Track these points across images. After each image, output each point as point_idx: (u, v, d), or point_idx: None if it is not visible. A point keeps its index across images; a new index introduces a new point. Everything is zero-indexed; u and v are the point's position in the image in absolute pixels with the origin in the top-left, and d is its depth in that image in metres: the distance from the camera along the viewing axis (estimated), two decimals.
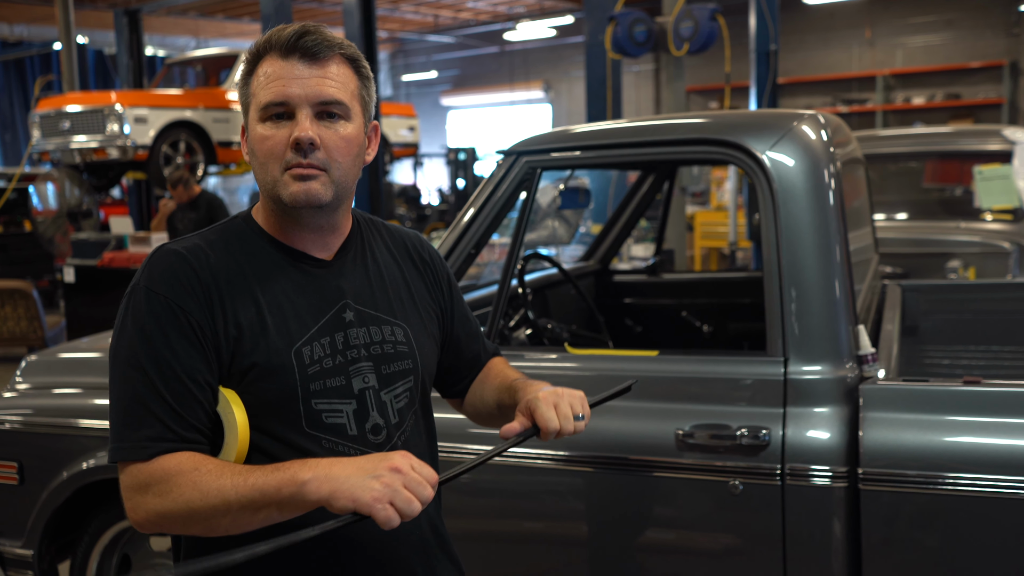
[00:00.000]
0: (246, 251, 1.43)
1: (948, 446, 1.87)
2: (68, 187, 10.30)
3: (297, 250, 1.45)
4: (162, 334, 1.33)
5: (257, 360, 1.36)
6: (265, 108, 1.38)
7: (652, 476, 2.07)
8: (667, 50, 7.05)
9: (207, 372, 1.35)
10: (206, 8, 16.69)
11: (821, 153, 2.12)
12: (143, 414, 1.32)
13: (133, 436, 1.32)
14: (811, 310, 2.02)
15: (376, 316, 1.48)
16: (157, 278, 1.36)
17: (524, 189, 2.40)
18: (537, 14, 17.92)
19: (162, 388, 1.32)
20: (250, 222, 1.47)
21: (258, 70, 1.41)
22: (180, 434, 1.32)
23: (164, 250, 1.40)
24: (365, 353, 1.44)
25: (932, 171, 5.92)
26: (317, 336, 1.41)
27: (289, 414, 1.38)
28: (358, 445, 1.41)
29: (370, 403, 1.43)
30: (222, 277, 1.38)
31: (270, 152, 1.38)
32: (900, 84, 15.55)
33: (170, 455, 1.31)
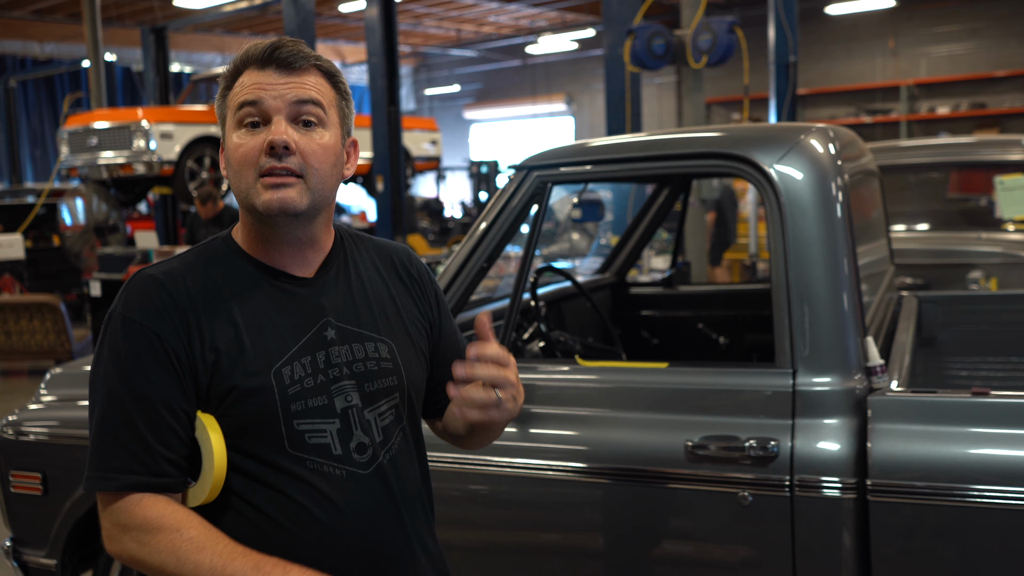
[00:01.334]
0: (225, 272, 1.40)
1: (957, 457, 1.87)
2: (95, 202, 10.46)
3: (277, 269, 1.43)
4: (137, 362, 1.32)
5: (236, 383, 1.34)
6: (239, 109, 1.37)
7: (661, 487, 2.08)
8: (686, 63, 7.06)
9: (183, 399, 1.34)
10: (231, 25, 16.91)
11: (828, 166, 2.13)
12: (113, 444, 1.32)
13: (102, 465, 1.32)
14: (819, 322, 2.02)
15: (359, 333, 1.45)
16: (133, 304, 1.35)
17: (535, 203, 2.43)
18: (559, 27, 17.99)
19: (135, 417, 1.31)
20: (229, 242, 1.45)
21: (235, 84, 1.40)
22: (149, 466, 1.31)
23: (141, 275, 1.38)
24: (347, 371, 1.42)
25: (956, 181, 5.89)
26: (298, 355, 1.38)
27: (271, 436, 1.36)
28: (343, 465, 1.39)
29: (354, 422, 1.41)
30: (199, 300, 1.36)
31: (244, 158, 1.36)
32: (924, 94, 15.45)
33: (148, 500, 1.31)
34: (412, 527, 1.46)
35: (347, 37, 18.93)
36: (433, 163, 14.46)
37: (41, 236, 11.16)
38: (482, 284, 2.46)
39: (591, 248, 9.52)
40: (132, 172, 10.22)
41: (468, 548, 2.30)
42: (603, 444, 2.14)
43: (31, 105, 18.63)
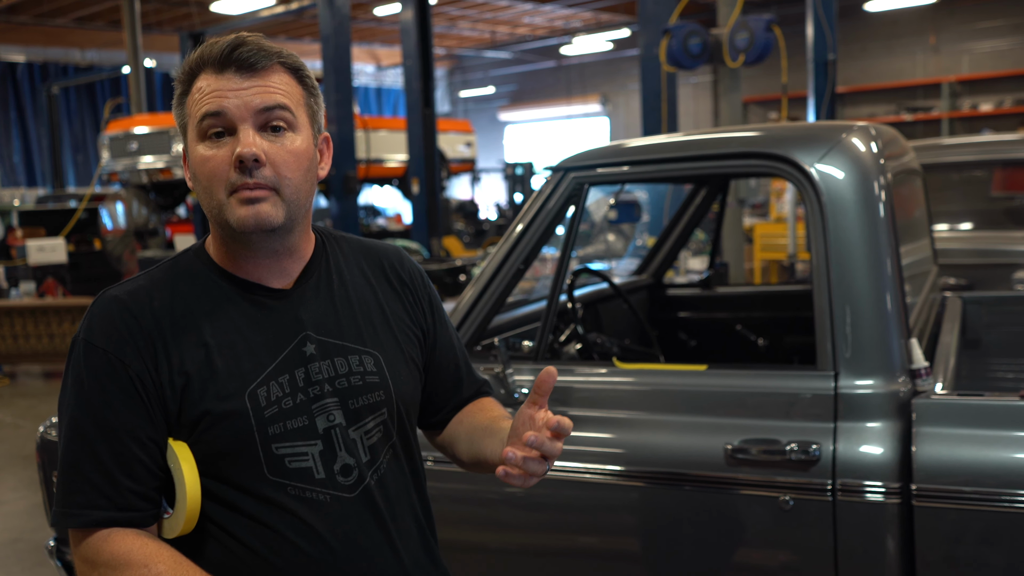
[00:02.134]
0: (195, 288, 1.32)
1: (1005, 462, 1.83)
2: (136, 206, 10.61)
3: (251, 282, 1.34)
4: (101, 390, 1.25)
5: (207, 407, 1.26)
6: (201, 121, 1.27)
7: (701, 491, 2.06)
8: (722, 62, 7.01)
9: (150, 429, 1.26)
10: (268, 30, 17.06)
11: (871, 165, 2.09)
12: (77, 478, 1.25)
13: (67, 501, 1.26)
14: (862, 324, 1.99)
15: (341, 346, 1.36)
16: (95, 329, 1.27)
17: (572, 204, 2.41)
18: (593, 28, 17.95)
19: (99, 449, 1.25)
20: (201, 255, 1.36)
21: (192, 88, 1.30)
22: (115, 501, 1.25)
23: (105, 297, 1.31)
24: (329, 388, 1.33)
25: (1001, 179, 5.78)
26: (274, 375, 1.30)
27: (248, 462, 1.27)
28: (327, 489, 1.31)
29: (337, 442, 1.32)
30: (165, 321, 1.28)
31: (212, 174, 1.27)
32: (967, 91, 15.20)
33: (116, 535, 1.25)
34: (406, 552, 1.37)
35: (382, 40, 19.04)
36: (468, 165, 14.50)
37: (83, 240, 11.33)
38: (518, 286, 2.45)
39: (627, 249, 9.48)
40: (171, 176, 10.36)
41: (505, 551, 2.29)
42: (641, 447, 2.12)
43: (73, 111, 18.94)
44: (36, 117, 18.36)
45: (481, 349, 2.38)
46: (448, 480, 2.30)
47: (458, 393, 1.58)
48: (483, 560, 2.33)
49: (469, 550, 2.34)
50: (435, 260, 9.37)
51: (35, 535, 4.48)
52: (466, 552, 2.34)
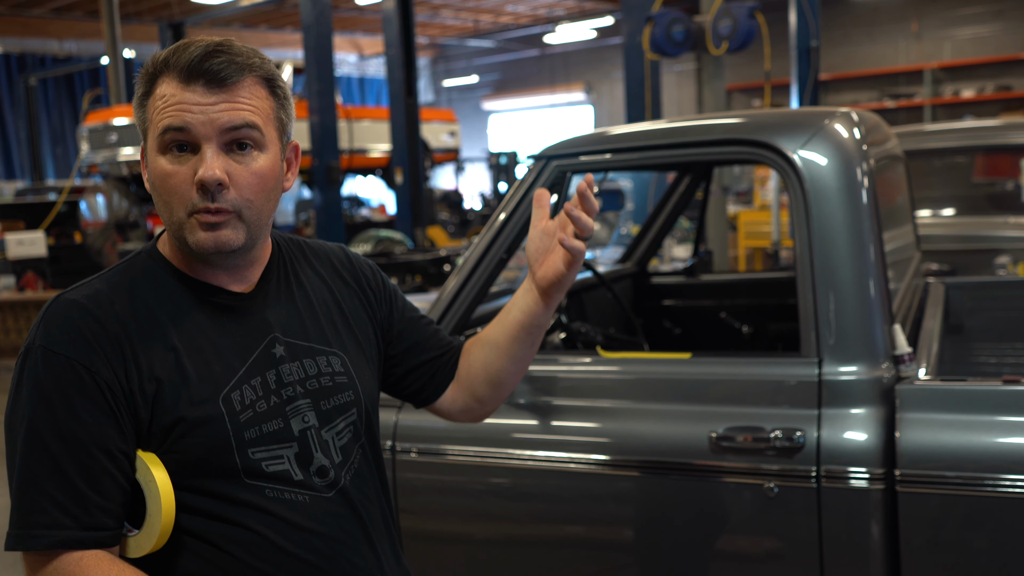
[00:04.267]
0: (155, 292, 1.27)
1: (988, 447, 1.83)
2: (116, 199, 10.52)
3: (213, 285, 1.30)
4: (66, 401, 1.18)
5: (182, 414, 1.21)
6: (163, 134, 1.21)
7: (686, 479, 2.06)
8: (706, 49, 7.00)
9: (120, 440, 1.20)
10: (248, 19, 16.95)
11: (853, 151, 2.09)
12: (38, 497, 1.17)
13: (27, 522, 1.17)
14: (845, 310, 1.99)
15: (309, 347, 1.35)
16: (56, 335, 1.19)
17: (555, 193, 2.40)
18: (577, 16, 17.91)
19: (66, 465, 1.17)
20: (156, 257, 1.31)
21: (156, 91, 1.23)
22: (81, 520, 1.17)
23: (61, 301, 1.23)
24: (301, 390, 1.31)
25: (982, 165, 5.81)
26: (246, 378, 1.27)
27: (224, 468, 1.24)
28: (305, 490, 1.29)
29: (313, 444, 1.31)
30: (131, 325, 1.22)
31: (173, 191, 1.22)
32: (949, 77, 15.25)
33: (80, 560, 1.17)
34: (381, 549, 1.37)
35: (364, 30, 18.94)
36: (452, 154, 14.46)
37: (63, 233, 11.23)
38: (501, 275, 2.44)
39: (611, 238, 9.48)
40: None
41: (491, 542, 2.29)
42: (626, 436, 2.12)
43: (51, 103, 18.76)
44: (14, 109, 18.17)
45: (464, 338, 2.37)
46: (433, 472, 2.29)
47: (445, 355, 1.60)
48: (469, 551, 2.32)
49: (454, 541, 2.33)
50: (419, 250, 9.34)
51: None
52: (452, 543, 2.33)
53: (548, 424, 2.21)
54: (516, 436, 2.22)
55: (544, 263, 1.48)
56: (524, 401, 2.24)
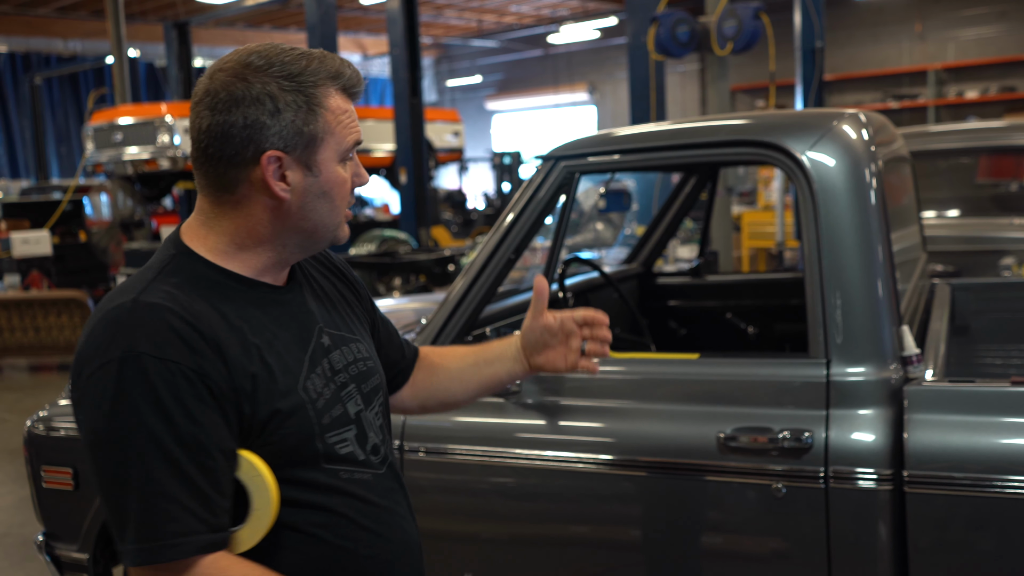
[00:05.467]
0: (215, 292, 1.28)
1: (996, 448, 1.83)
2: (121, 198, 10.54)
3: (259, 282, 1.34)
4: (182, 406, 1.18)
5: (276, 406, 1.26)
6: (351, 148, 1.32)
7: (693, 480, 2.06)
8: (710, 50, 7.00)
9: (231, 440, 1.23)
10: (253, 19, 16.96)
11: (862, 152, 2.09)
12: (168, 505, 1.16)
13: (157, 533, 1.16)
14: (853, 311, 1.99)
15: (343, 336, 1.42)
16: (158, 341, 1.18)
17: (563, 193, 2.40)
18: (580, 16, 17.90)
19: (190, 470, 1.17)
20: (196, 258, 1.31)
21: (327, 102, 1.29)
22: (210, 522, 1.19)
23: (143, 305, 1.21)
24: (348, 376, 1.39)
25: (986, 166, 5.80)
26: (311, 367, 1.33)
27: (309, 455, 1.30)
28: (367, 468, 1.37)
29: (365, 425, 1.39)
30: (217, 326, 1.24)
31: (345, 196, 1.34)
32: (952, 78, 15.23)
33: (218, 561, 1.20)
34: (415, 521, 1.48)
35: (368, 29, 18.94)
36: (456, 154, 14.45)
37: (68, 232, 11.26)
38: (509, 276, 2.44)
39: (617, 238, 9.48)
40: (157, 167, 10.27)
41: (496, 541, 2.29)
42: (633, 436, 2.12)
43: (56, 102, 18.79)
44: (19, 108, 18.19)
45: (472, 339, 2.37)
46: (441, 471, 2.29)
47: (404, 356, 1.68)
48: (477, 551, 2.33)
49: (460, 541, 2.34)
50: (423, 250, 9.34)
51: (23, 529, 4.45)
52: (457, 543, 2.34)
53: (556, 424, 2.21)
54: (524, 436, 2.22)
55: (543, 356, 1.63)
56: (532, 401, 2.24)
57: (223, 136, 1.26)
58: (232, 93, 1.25)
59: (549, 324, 1.60)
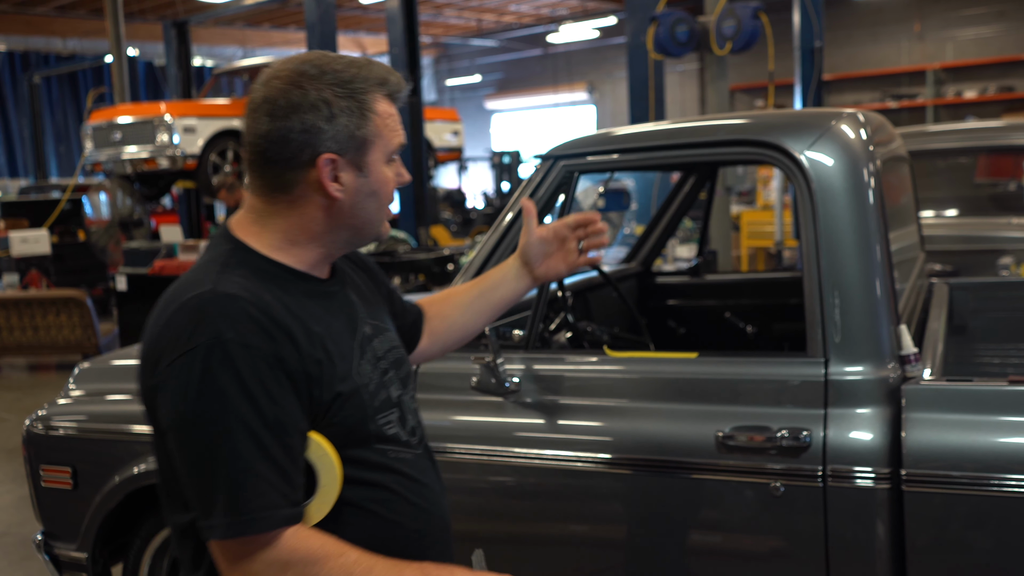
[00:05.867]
0: (274, 283, 1.36)
1: (994, 447, 1.84)
2: (120, 197, 10.54)
3: (309, 275, 1.42)
4: (265, 390, 1.26)
5: (339, 389, 1.35)
6: (396, 150, 1.43)
7: (692, 478, 2.07)
8: (710, 49, 7.00)
9: (305, 421, 1.32)
10: (252, 18, 16.96)
11: (860, 152, 2.10)
12: (256, 481, 1.24)
13: (247, 507, 1.24)
14: (852, 310, 2.00)
15: (379, 326, 1.52)
16: (240, 329, 1.26)
17: (562, 193, 2.41)
18: (580, 15, 17.91)
19: (274, 449, 1.26)
20: (253, 252, 1.39)
21: (376, 107, 1.39)
22: (290, 497, 1.27)
23: (223, 295, 1.29)
24: (387, 363, 1.49)
25: (985, 166, 5.81)
26: (360, 354, 1.43)
27: (365, 435, 1.40)
28: (408, 448, 1.48)
29: (404, 408, 1.50)
30: (285, 315, 1.32)
31: (390, 195, 1.44)
32: (951, 78, 15.25)
33: (298, 533, 1.27)
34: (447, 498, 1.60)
35: (368, 29, 18.94)
36: (455, 154, 14.45)
37: (67, 231, 11.25)
38: None
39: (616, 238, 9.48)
40: (156, 167, 10.27)
41: (496, 540, 2.29)
42: (632, 435, 2.13)
43: (55, 101, 18.78)
44: (17, 107, 18.19)
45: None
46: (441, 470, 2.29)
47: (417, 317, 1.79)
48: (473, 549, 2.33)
49: (460, 539, 2.34)
50: (423, 249, 9.34)
51: (22, 529, 4.46)
52: (458, 542, 2.34)
53: (555, 423, 2.22)
54: (523, 435, 2.23)
55: (544, 265, 1.78)
56: (531, 400, 2.25)
57: (282, 140, 1.33)
58: (290, 100, 1.33)
59: (543, 235, 1.76)
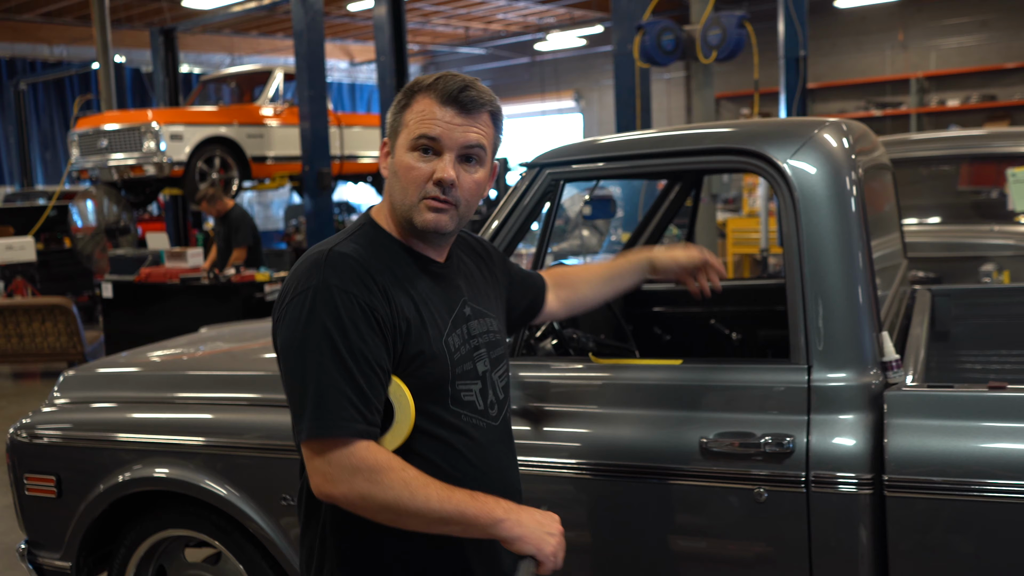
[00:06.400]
0: (390, 256, 1.63)
1: (974, 452, 1.86)
2: (106, 204, 10.49)
3: (423, 255, 1.68)
4: (355, 327, 1.52)
5: (423, 348, 1.59)
6: (417, 139, 1.59)
7: (676, 484, 2.08)
8: (695, 58, 7.04)
9: (387, 361, 1.56)
10: (240, 25, 16.95)
11: (842, 160, 2.12)
12: (339, 397, 1.50)
13: (330, 416, 1.49)
14: (834, 317, 2.02)
15: (481, 311, 1.75)
16: (344, 278, 1.54)
17: (547, 200, 2.42)
18: (567, 24, 17.96)
19: (357, 374, 1.50)
20: (379, 229, 1.67)
21: (414, 104, 1.61)
22: (367, 417, 1.51)
23: (337, 253, 1.58)
24: (481, 341, 1.71)
25: (967, 174, 5.86)
26: (453, 328, 1.66)
27: (440, 394, 1.62)
28: (484, 418, 1.68)
29: (489, 383, 1.71)
30: (386, 276, 1.59)
31: (413, 181, 1.60)
32: (934, 87, 15.37)
33: (369, 446, 1.51)
34: (519, 474, 1.79)
35: (356, 36, 18.95)
36: None
37: (52, 238, 11.21)
38: None
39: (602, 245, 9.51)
40: (142, 173, 10.24)
41: None
42: (617, 442, 2.14)
43: (41, 108, 18.67)
44: (3, 114, 18.07)
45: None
46: None
47: (541, 285, 2.08)
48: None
49: None
50: None
51: (6, 538, 4.43)
52: None
53: (540, 430, 2.23)
54: None
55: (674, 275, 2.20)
56: (516, 407, 2.25)
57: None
58: None
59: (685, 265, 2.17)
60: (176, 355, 3.18)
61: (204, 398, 2.67)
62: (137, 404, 2.77)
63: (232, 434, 2.54)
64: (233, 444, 2.52)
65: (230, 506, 2.49)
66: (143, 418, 2.71)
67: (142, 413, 2.73)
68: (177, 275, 7.37)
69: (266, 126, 11.06)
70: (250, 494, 2.48)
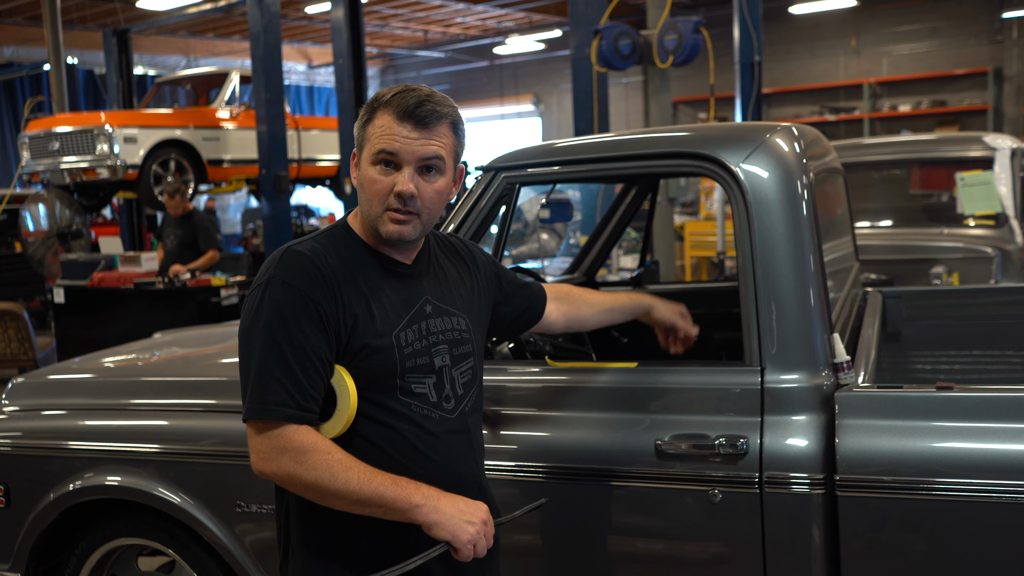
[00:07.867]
0: (352, 256, 1.74)
1: (923, 451, 1.89)
2: (58, 208, 10.30)
3: (389, 257, 1.77)
4: (296, 319, 1.64)
5: (368, 341, 1.69)
6: (377, 153, 1.69)
7: (632, 486, 2.09)
8: (652, 63, 7.10)
9: (328, 351, 1.66)
10: (196, 27, 16.75)
11: (794, 164, 2.15)
12: (273, 383, 1.62)
13: (264, 400, 1.62)
14: (786, 319, 2.04)
15: (447, 309, 1.83)
16: (292, 273, 1.66)
17: (504, 204, 2.43)
18: (526, 28, 18.00)
19: (293, 363, 1.62)
20: (350, 232, 1.79)
21: (375, 119, 1.70)
22: (300, 404, 1.62)
23: (293, 251, 1.70)
24: (441, 338, 1.79)
25: (918, 178, 5.97)
26: (409, 324, 1.74)
27: (388, 385, 1.71)
28: (436, 410, 1.76)
29: (445, 377, 1.78)
30: (340, 275, 1.69)
31: (376, 193, 1.70)
32: (886, 92, 15.65)
33: (299, 429, 1.62)
34: (479, 466, 1.86)
35: (313, 39, 18.83)
36: None
37: (3, 243, 10.99)
38: None
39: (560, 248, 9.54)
40: (95, 177, 10.06)
41: None
42: (573, 444, 2.15)
43: None
44: None
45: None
46: None
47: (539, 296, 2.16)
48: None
49: None
50: None
51: None
52: None
53: (496, 433, 2.23)
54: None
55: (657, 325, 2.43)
56: None
57: None
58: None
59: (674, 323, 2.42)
60: (129, 361, 3.14)
61: (157, 404, 2.64)
62: (88, 411, 2.73)
63: (186, 441, 2.51)
64: (187, 451, 2.49)
65: (184, 514, 2.46)
66: (95, 425, 2.66)
67: (94, 420, 2.68)
68: (131, 280, 7.26)
69: (222, 129, 10.94)
70: (204, 501, 2.45)
